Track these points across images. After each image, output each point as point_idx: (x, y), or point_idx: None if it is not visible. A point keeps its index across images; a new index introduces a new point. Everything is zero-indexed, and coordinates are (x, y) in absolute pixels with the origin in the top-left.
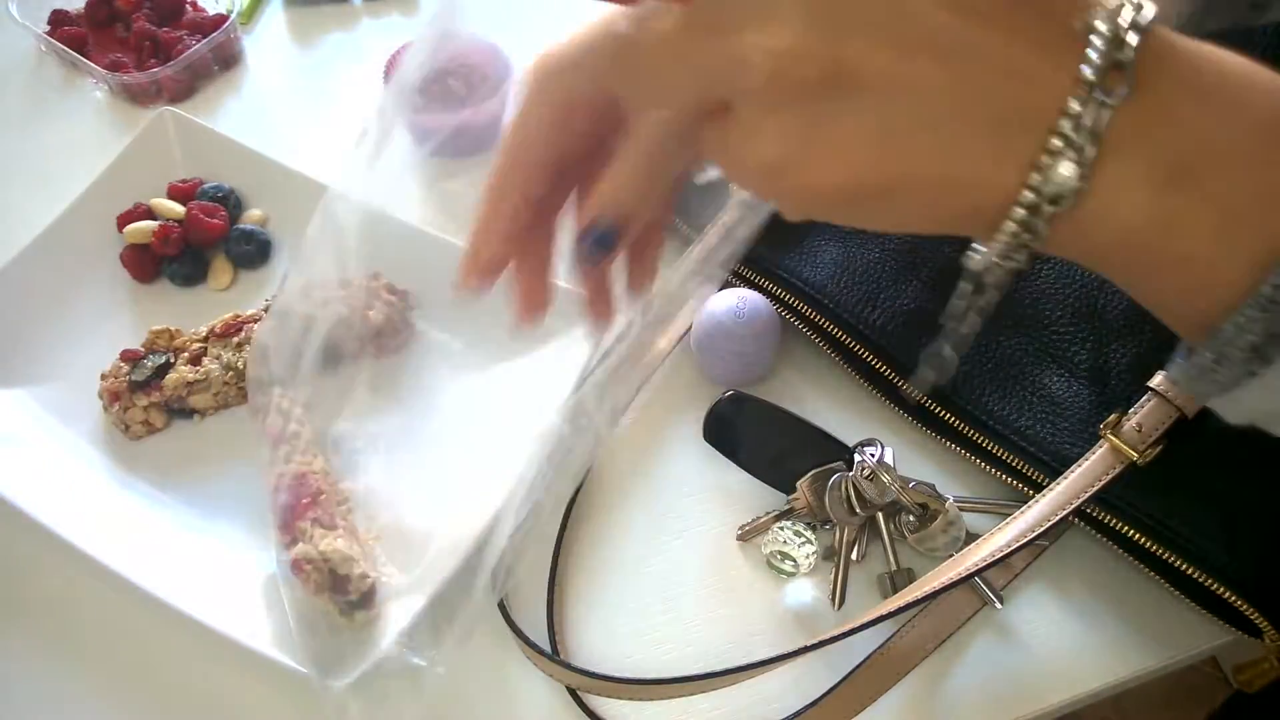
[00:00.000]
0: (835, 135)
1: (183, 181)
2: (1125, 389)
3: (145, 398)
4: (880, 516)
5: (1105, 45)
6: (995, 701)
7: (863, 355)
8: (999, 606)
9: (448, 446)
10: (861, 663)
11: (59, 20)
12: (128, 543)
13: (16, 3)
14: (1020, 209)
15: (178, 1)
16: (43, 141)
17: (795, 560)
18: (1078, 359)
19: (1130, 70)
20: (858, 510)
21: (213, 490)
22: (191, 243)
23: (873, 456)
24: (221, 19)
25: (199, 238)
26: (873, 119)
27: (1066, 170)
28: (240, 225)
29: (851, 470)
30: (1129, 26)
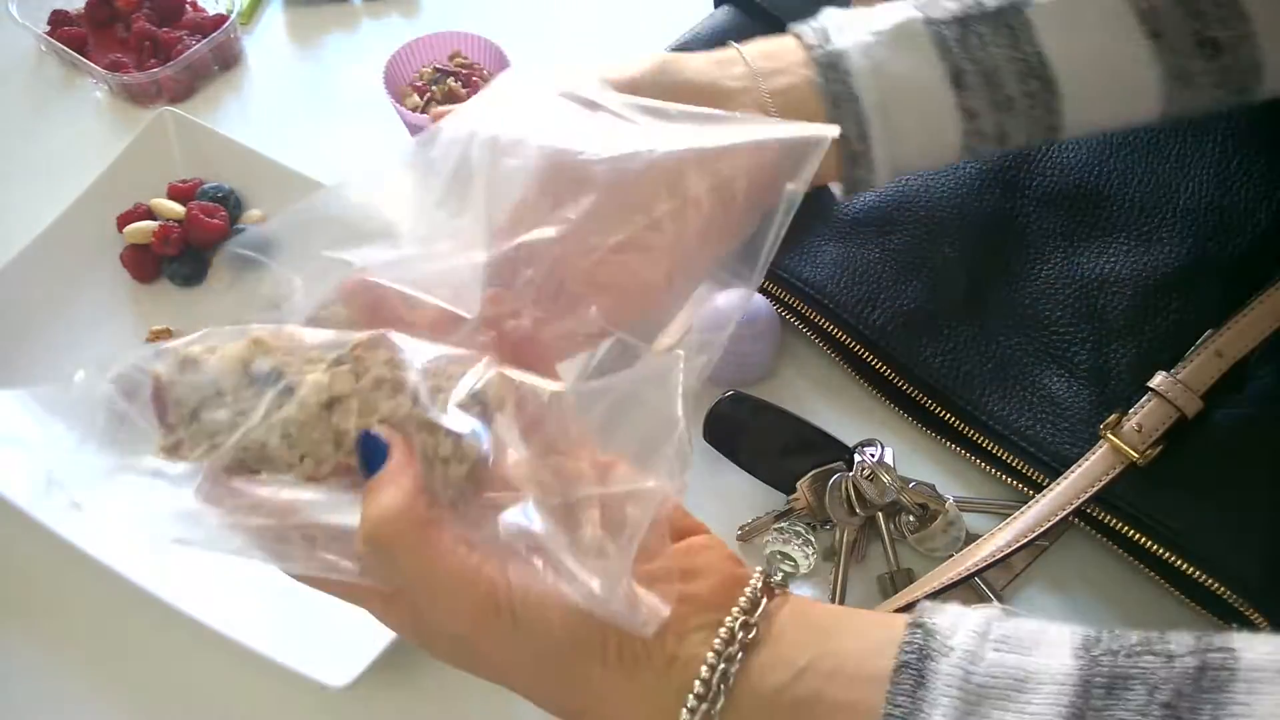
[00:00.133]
0: None
1: (183, 181)
2: (1125, 389)
3: None
4: (880, 517)
5: None
6: None
7: (863, 355)
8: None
9: None
10: None
11: (59, 20)
12: (128, 543)
13: (16, 3)
14: None
15: (178, 1)
16: (43, 141)
17: (795, 560)
18: (1078, 359)
19: None
20: (858, 510)
21: None
22: (191, 243)
23: (873, 456)
24: (221, 19)
25: (199, 238)
26: None
27: None
28: (240, 225)
29: (851, 470)
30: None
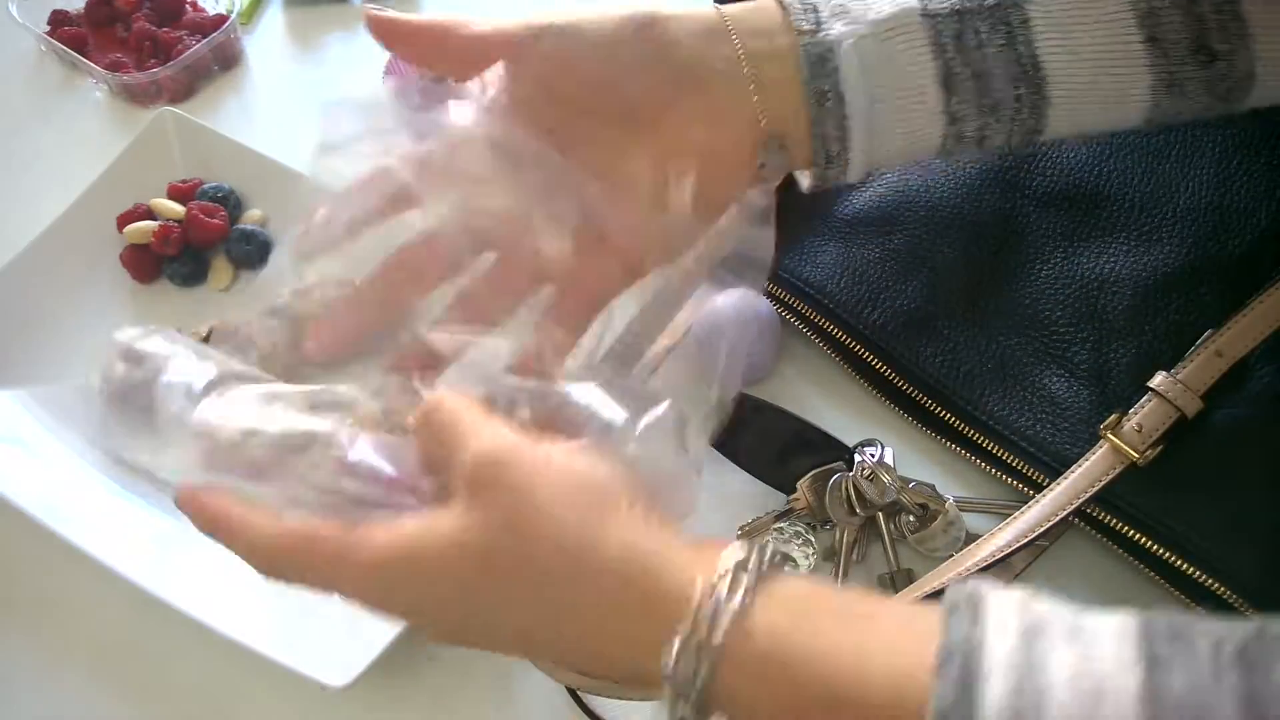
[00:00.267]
0: None
1: (183, 181)
2: (1125, 389)
3: None
4: (880, 517)
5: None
6: None
7: (863, 355)
8: None
9: None
10: None
11: (59, 20)
12: (128, 543)
13: (16, 3)
14: None
15: (178, 1)
16: (43, 141)
17: (795, 560)
18: (1078, 359)
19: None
20: (858, 510)
21: None
22: (191, 243)
23: (873, 456)
24: (221, 19)
25: (199, 238)
26: None
27: None
28: (240, 225)
29: (851, 470)
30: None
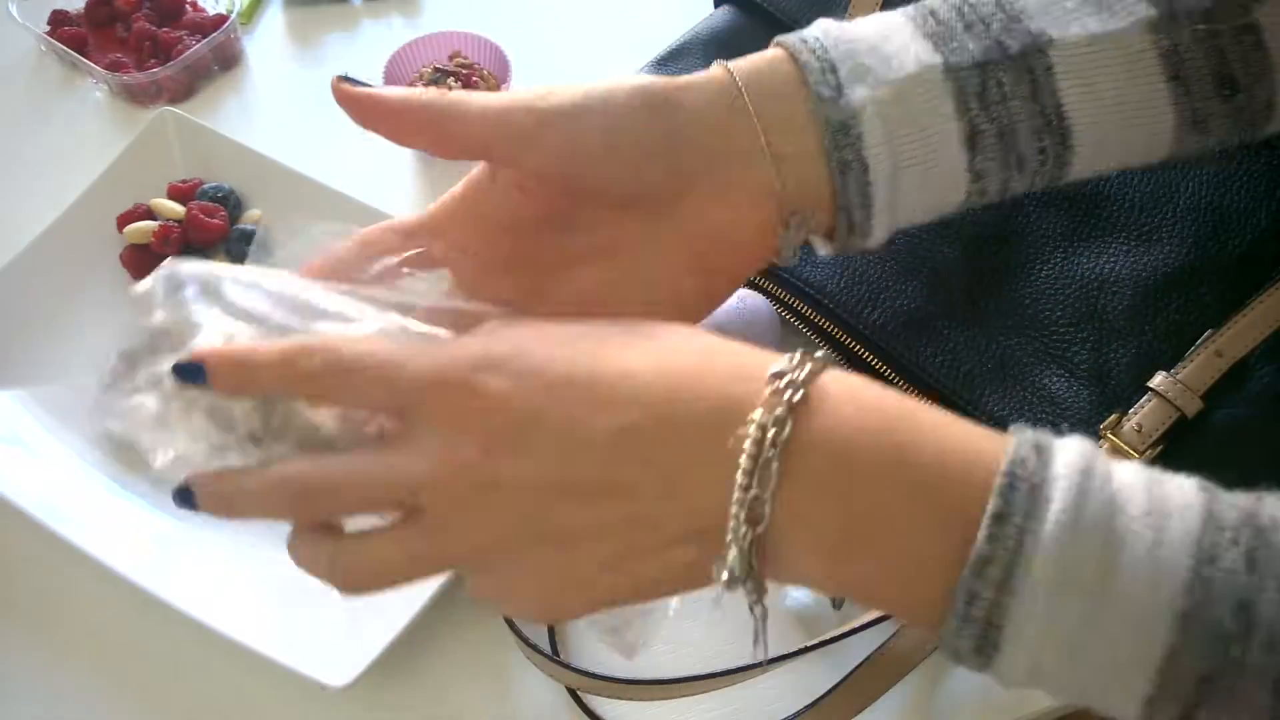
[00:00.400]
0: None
1: (183, 181)
2: (1125, 389)
3: None
4: None
5: (751, 462)
6: (995, 702)
7: (863, 355)
8: None
9: None
10: (861, 663)
11: (59, 20)
12: (128, 543)
13: (16, 3)
14: (729, 568)
15: (178, 1)
16: (43, 141)
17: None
18: (1078, 359)
19: (774, 473)
20: None
21: None
22: (191, 243)
23: None
24: (221, 19)
25: (199, 238)
26: (574, 569)
27: (733, 557)
28: (240, 225)
29: None
30: (772, 442)
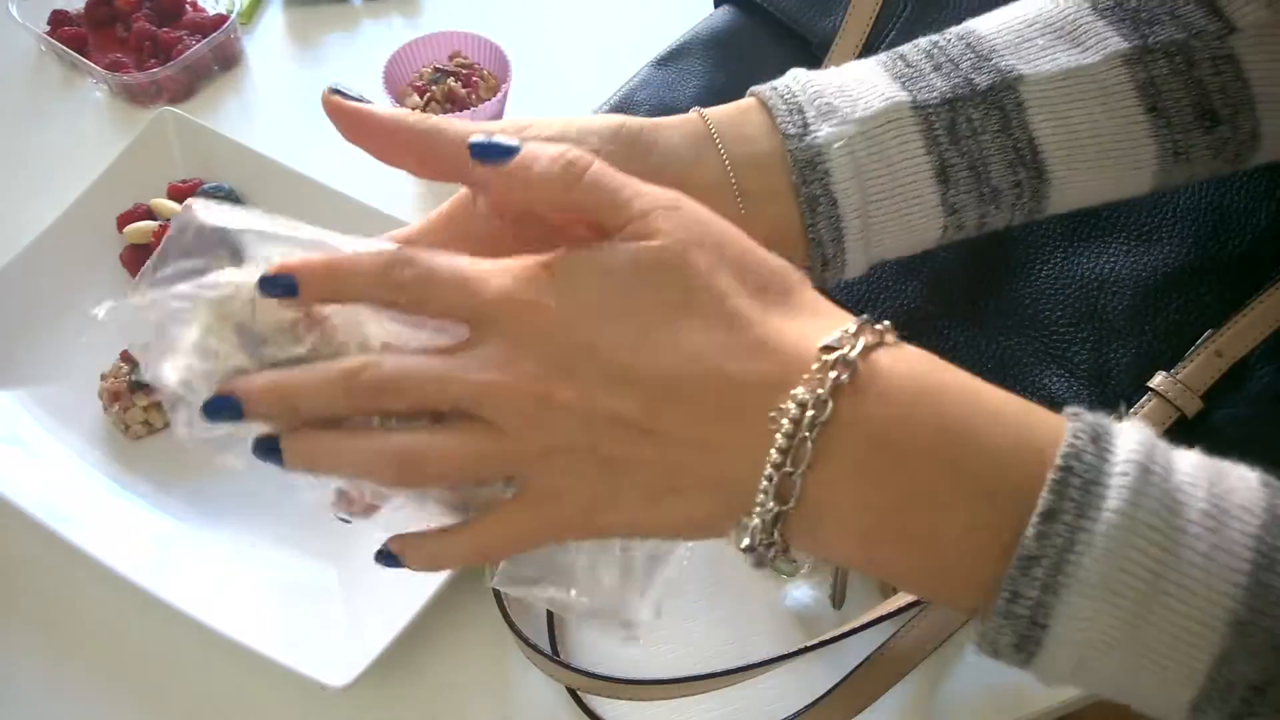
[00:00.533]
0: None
1: (183, 181)
2: (1125, 389)
3: (145, 398)
4: None
5: (786, 441)
6: (995, 702)
7: None
8: None
9: None
10: (861, 663)
11: (59, 20)
12: (128, 543)
13: (16, 3)
14: (748, 536)
15: (178, 1)
16: (43, 141)
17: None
18: (1078, 359)
19: (809, 453)
20: None
21: (213, 490)
22: None
23: None
24: (221, 19)
25: None
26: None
27: (754, 527)
28: None
29: None
30: (810, 424)
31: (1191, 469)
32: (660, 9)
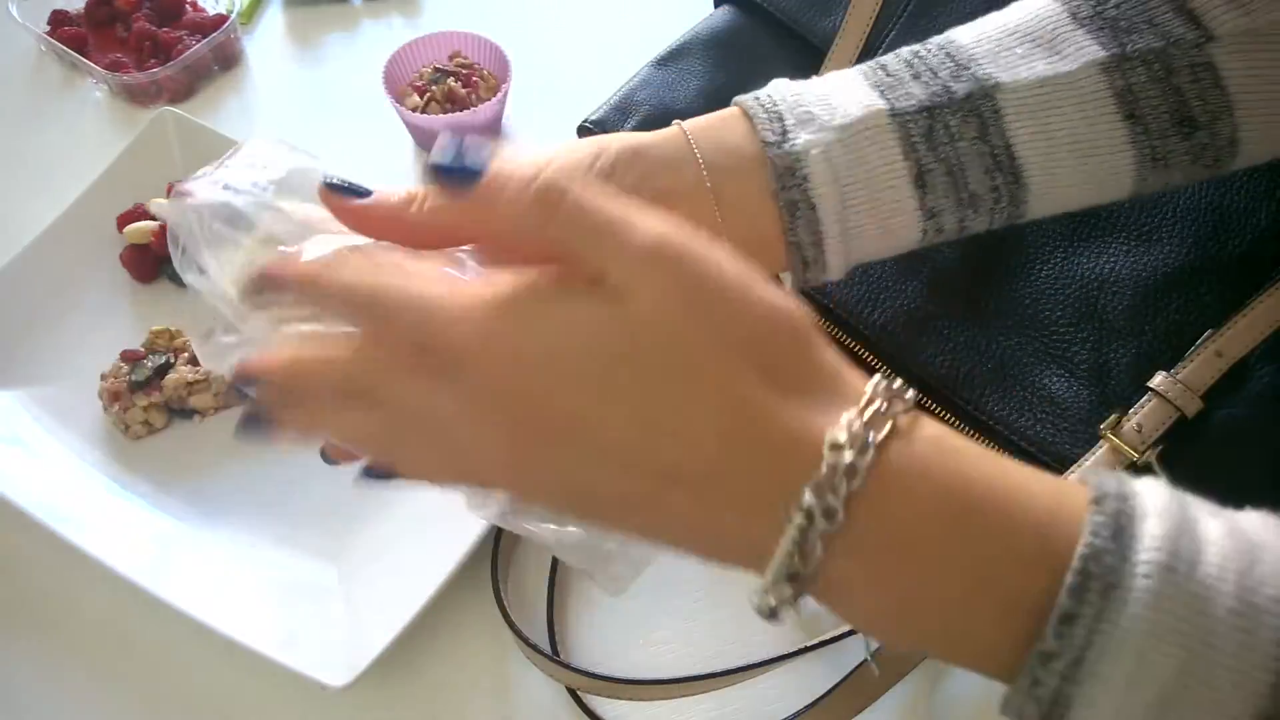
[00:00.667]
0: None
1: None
2: (1125, 389)
3: (145, 398)
4: None
5: (795, 546)
6: (996, 701)
7: (863, 355)
8: None
9: None
10: (861, 663)
11: (59, 20)
12: (128, 543)
13: (16, 3)
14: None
15: (178, 1)
16: (43, 141)
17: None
18: (1078, 359)
19: (819, 552)
20: None
21: (213, 490)
22: None
23: None
24: (221, 19)
25: None
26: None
27: (765, 601)
28: None
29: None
30: (820, 535)
31: (1220, 558)
32: (660, 9)
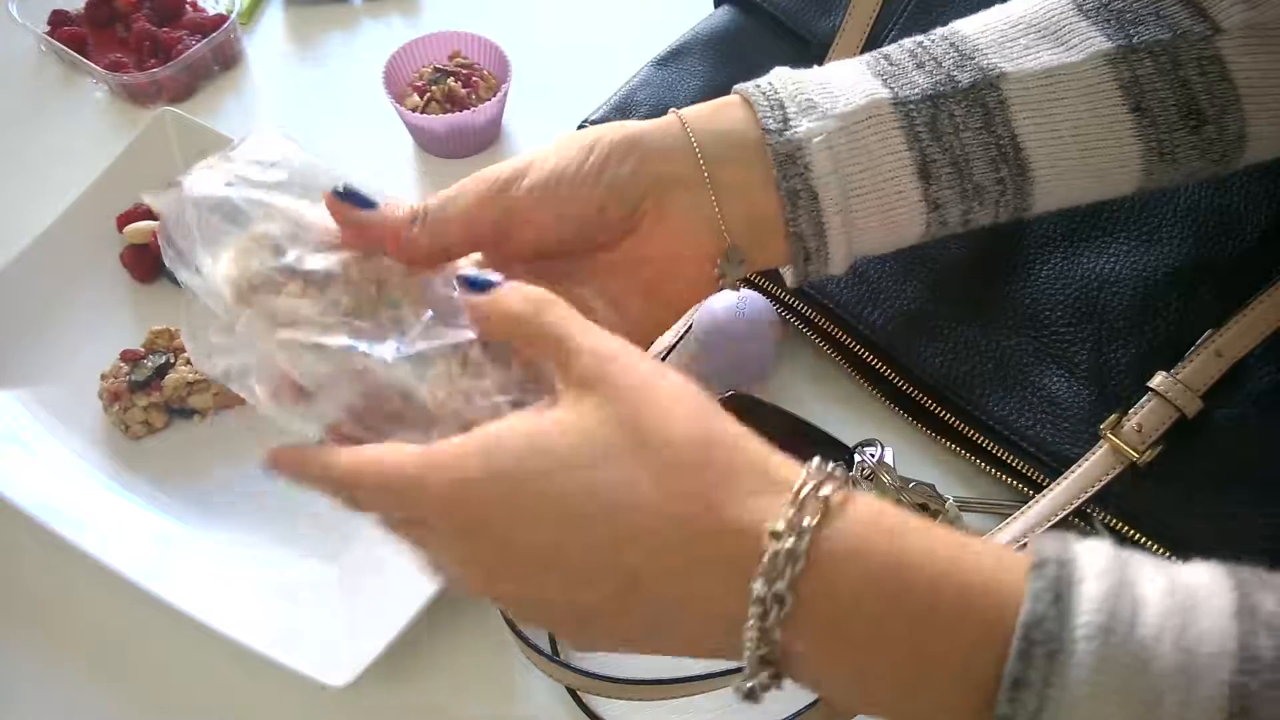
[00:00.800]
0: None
1: None
2: (1125, 389)
3: (145, 398)
4: None
5: (755, 636)
6: None
7: (863, 355)
8: None
9: None
10: None
11: (59, 20)
12: (127, 543)
13: (16, 3)
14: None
15: (178, 1)
16: (43, 141)
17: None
18: (1078, 359)
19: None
20: None
21: (213, 490)
22: None
23: (873, 456)
24: (221, 19)
25: None
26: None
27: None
28: None
29: (851, 470)
30: (781, 590)
31: (1159, 617)
32: (660, 9)
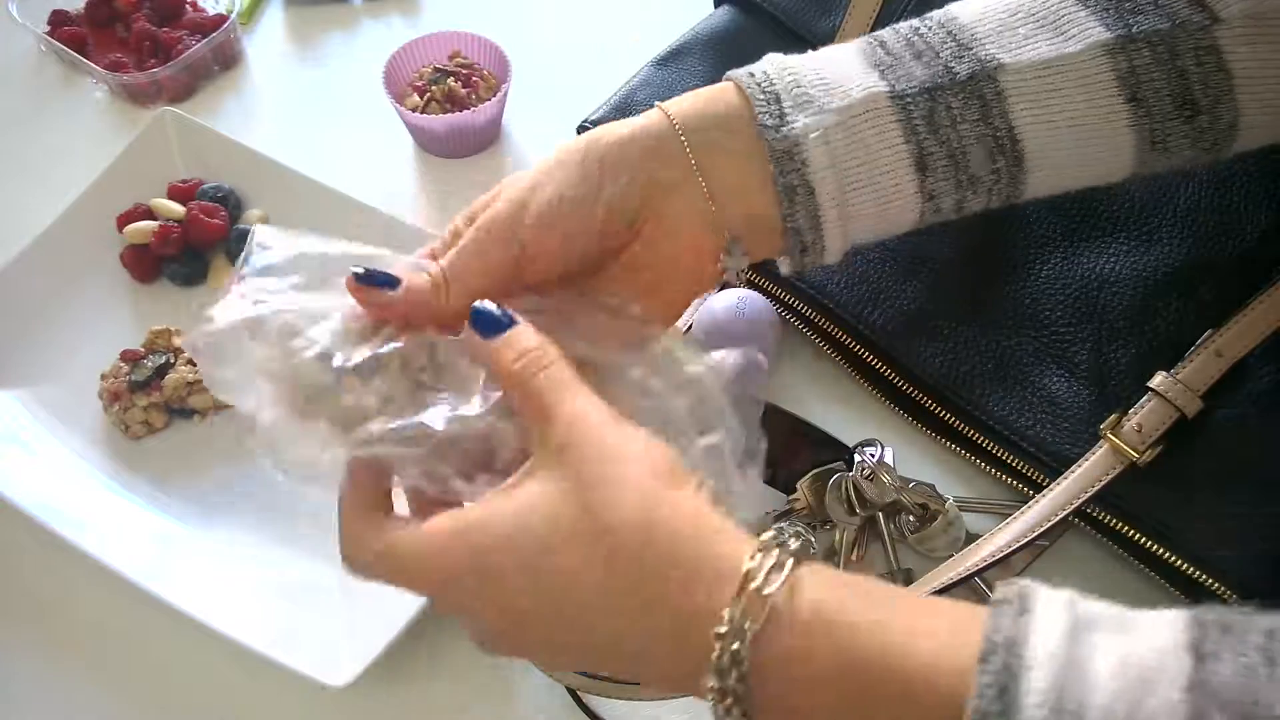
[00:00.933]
0: None
1: (183, 182)
2: (1125, 389)
3: (145, 398)
4: (880, 517)
5: (719, 696)
6: None
7: (863, 355)
8: None
9: None
10: None
11: (59, 20)
12: (127, 543)
13: (16, 3)
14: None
15: (178, 1)
16: (43, 141)
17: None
18: (1078, 359)
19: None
20: (858, 511)
21: (213, 490)
22: (191, 243)
23: (873, 456)
24: (221, 19)
25: (199, 238)
26: None
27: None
28: (240, 225)
29: (851, 470)
30: (732, 684)
31: (1109, 700)
32: (660, 9)
